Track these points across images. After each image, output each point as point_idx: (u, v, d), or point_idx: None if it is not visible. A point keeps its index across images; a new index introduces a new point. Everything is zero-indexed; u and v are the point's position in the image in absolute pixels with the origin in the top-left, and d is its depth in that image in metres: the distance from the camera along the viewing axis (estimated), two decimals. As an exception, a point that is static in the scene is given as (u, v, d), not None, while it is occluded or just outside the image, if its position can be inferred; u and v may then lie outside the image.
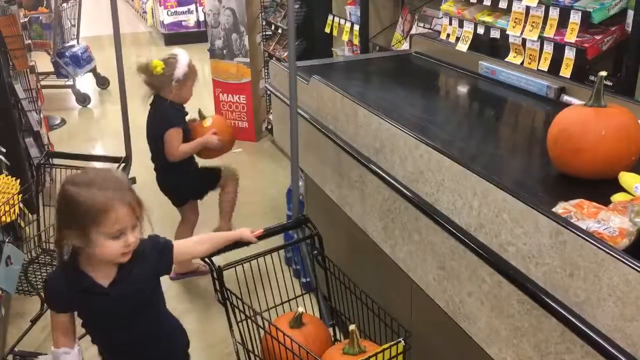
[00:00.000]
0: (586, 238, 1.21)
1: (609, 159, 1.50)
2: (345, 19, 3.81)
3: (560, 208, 1.35)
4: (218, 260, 1.84)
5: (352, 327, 1.72)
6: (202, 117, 3.23)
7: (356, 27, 3.64)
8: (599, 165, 1.52)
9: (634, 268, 1.11)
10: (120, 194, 1.57)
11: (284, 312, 1.99)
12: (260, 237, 1.91)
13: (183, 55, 3.10)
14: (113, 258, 1.62)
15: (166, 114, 3.02)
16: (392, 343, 1.66)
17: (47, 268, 2.81)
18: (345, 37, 3.77)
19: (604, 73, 1.57)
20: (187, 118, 3.17)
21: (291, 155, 2.40)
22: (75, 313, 1.72)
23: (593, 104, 1.56)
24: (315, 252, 1.97)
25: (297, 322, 1.85)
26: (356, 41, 3.68)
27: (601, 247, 1.18)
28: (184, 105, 3.13)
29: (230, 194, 3.33)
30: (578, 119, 1.55)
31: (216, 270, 1.77)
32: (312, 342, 1.78)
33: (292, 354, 1.70)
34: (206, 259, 1.83)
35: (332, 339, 1.96)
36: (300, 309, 1.85)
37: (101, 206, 1.53)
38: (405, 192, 1.84)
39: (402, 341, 1.66)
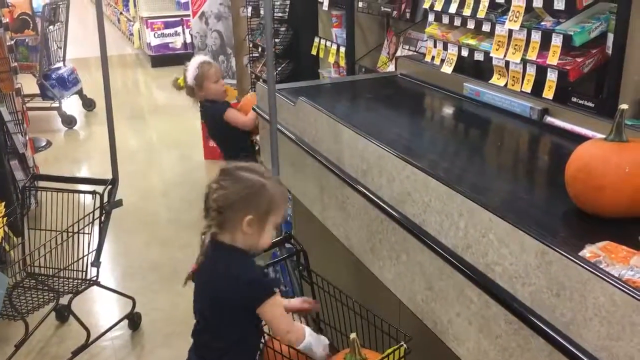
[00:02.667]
0: (571, 258, 1.22)
1: (635, 197, 1.41)
2: (332, 41, 3.85)
3: (587, 252, 1.26)
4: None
5: (352, 335, 1.72)
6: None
7: (342, 49, 3.68)
8: (624, 204, 1.42)
9: (619, 288, 1.12)
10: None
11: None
12: None
13: (193, 60, 3.44)
14: (264, 247, 1.72)
15: (211, 109, 3.42)
16: (395, 347, 1.67)
17: (32, 292, 2.79)
18: (331, 59, 3.81)
19: (625, 106, 1.47)
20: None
21: (272, 173, 2.41)
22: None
23: (614, 138, 1.47)
24: (301, 267, 1.99)
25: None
26: (342, 63, 3.72)
27: (586, 267, 1.19)
28: (220, 100, 3.41)
29: None
30: (599, 155, 1.47)
31: None
32: None
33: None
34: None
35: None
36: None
37: (283, 197, 1.71)
38: (393, 213, 1.85)
39: (404, 345, 1.68)
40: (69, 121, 6.60)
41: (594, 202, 1.46)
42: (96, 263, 2.84)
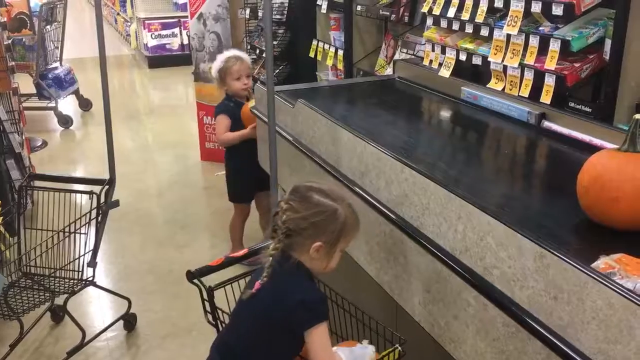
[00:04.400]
0: (569, 261, 1.23)
1: None
2: (330, 44, 3.86)
3: (601, 263, 1.24)
4: (207, 280, 1.82)
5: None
6: (248, 99, 3.40)
7: (340, 52, 3.69)
8: (638, 216, 1.39)
9: (616, 291, 1.13)
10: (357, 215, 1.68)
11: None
12: (244, 256, 1.90)
13: (225, 52, 3.44)
14: (331, 270, 1.66)
15: (219, 104, 3.44)
16: (390, 350, 1.67)
17: (28, 292, 2.77)
18: (329, 62, 3.82)
19: (639, 116, 1.44)
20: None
21: (271, 175, 2.41)
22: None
23: (628, 148, 1.45)
24: None
25: None
26: (340, 66, 3.73)
27: (584, 270, 1.20)
28: (238, 98, 3.39)
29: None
30: (612, 166, 1.43)
31: (207, 290, 1.76)
32: None
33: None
34: (195, 280, 1.80)
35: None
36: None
37: (355, 223, 1.65)
38: (391, 215, 1.85)
39: (399, 347, 1.67)
40: (65, 121, 6.58)
41: (608, 214, 1.42)
42: (92, 263, 2.83)
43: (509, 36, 2.30)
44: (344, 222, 1.60)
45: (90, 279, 2.87)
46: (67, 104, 7.08)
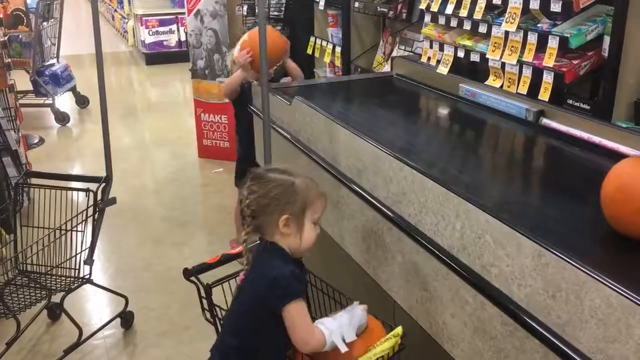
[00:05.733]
0: (568, 260, 1.22)
1: None
2: (327, 41, 3.85)
3: None
4: (204, 277, 1.81)
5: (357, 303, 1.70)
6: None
7: (338, 49, 3.68)
8: None
9: (615, 290, 1.12)
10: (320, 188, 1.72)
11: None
12: (241, 254, 1.89)
13: (244, 36, 3.31)
14: (309, 246, 1.67)
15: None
16: (393, 341, 1.64)
17: (24, 290, 2.77)
18: (327, 59, 3.81)
19: None
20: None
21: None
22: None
23: None
24: None
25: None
26: (338, 63, 3.72)
27: (583, 268, 1.19)
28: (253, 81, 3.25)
29: None
30: (639, 175, 1.35)
31: (204, 288, 1.75)
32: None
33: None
34: (193, 277, 1.79)
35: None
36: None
37: (315, 192, 1.67)
38: (389, 213, 1.85)
39: (402, 343, 1.65)
40: (62, 118, 6.56)
41: (635, 225, 1.35)
42: (89, 261, 2.82)
43: (507, 33, 2.29)
44: (305, 192, 1.63)
45: (87, 276, 2.86)
46: (64, 101, 7.07)
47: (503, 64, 2.33)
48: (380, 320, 1.73)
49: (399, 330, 1.65)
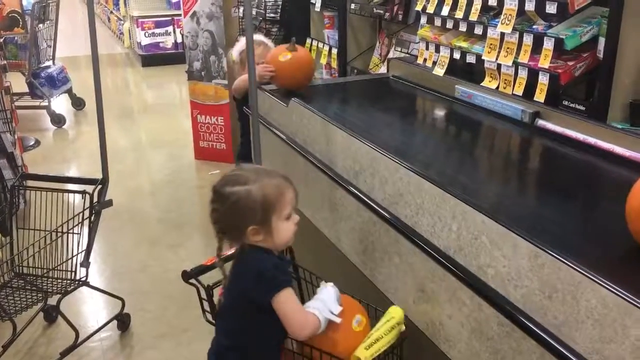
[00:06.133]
0: (564, 260, 1.23)
1: None
2: (324, 43, 3.85)
3: None
4: (204, 279, 1.81)
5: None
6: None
7: (334, 51, 3.69)
8: None
9: (611, 290, 1.13)
10: (282, 175, 1.68)
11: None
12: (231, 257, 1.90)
13: (244, 38, 3.20)
14: (289, 240, 1.67)
15: None
16: (395, 319, 1.67)
17: (20, 292, 2.76)
18: (323, 60, 3.81)
19: None
20: None
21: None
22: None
23: None
24: None
25: None
26: (334, 64, 3.73)
27: (578, 269, 1.19)
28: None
29: None
30: None
31: (205, 289, 1.75)
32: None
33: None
34: (192, 280, 1.79)
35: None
36: None
37: (276, 189, 1.62)
38: (385, 214, 1.85)
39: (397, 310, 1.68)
40: (58, 120, 6.54)
41: None
42: (85, 263, 2.82)
43: (502, 34, 2.30)
44: (263, 198, 1.60)
45: (84, 279, 2.85)
46: (60, 103, 7.05)
47: (499, 66, 2.34)
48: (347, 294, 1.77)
49: (397, 313, 1.67)
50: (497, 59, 2.33)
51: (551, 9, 2.08)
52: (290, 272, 1.70)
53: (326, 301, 1.65)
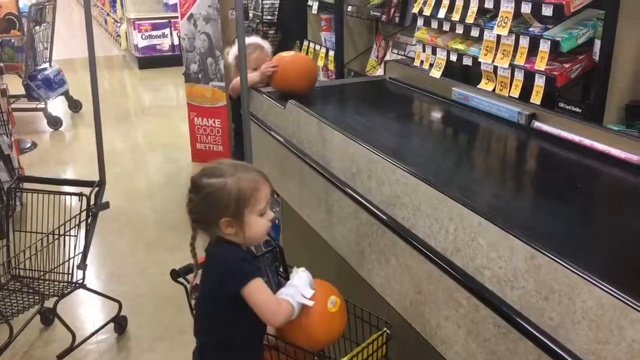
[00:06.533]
0: (559, 262, 1.23)
1: None
2: (321, 45, 3.86)
3: None
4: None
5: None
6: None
7: (331, 53, 3.69)
8: None
9: (607, 291, 1.13)
10: (259, 172, 1.69)
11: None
12: None
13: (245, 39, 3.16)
14: (261, 236, 1.69)
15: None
16: (378, 334, 1.68)
17: (17, 295, 2.76)
18: (320, 63, 3.81)
19: None
20: None
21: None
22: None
23: None
24: (277, 264, 1.98)
25: None
26: (331, 66, 3.73)
27: (574, 270, 1.20)
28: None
29: None
30: None
31: (192, 287, 1.76)
32: None
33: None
34: (180, 278, 1.82)
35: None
36: None
37: (251, 184, 1.64)
38: (382, 216, 1.85)
39: (387, 331, 1.70)
40: (55, 122, 6.54)
41: None
42: (82, 266, 2.82)
43: (499, 37, 2.31)
44: (238, 191, 1.61)
45: (80, 281, 2.85)
46: (57, 105, 7.04)
47: (495, 68, 2.34)
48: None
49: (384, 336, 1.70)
50: (493, 61, 2.34)
51: (547, 11, 2.08)
52: (258, 264, 1.71)
53: (298, 286, 1.67)
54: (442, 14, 2.60)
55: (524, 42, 2.21)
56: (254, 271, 1.62)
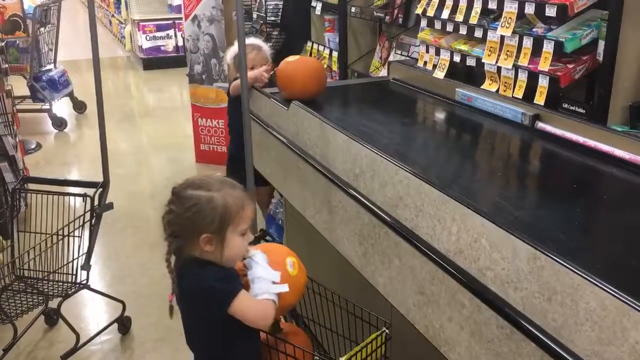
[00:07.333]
0: (562, 263, 1.23)
1: None
2: (324, 46, 3.86)
3: None
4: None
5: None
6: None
7: (335, 54, 3.69)
8: None
9: (610, 293, 1.13)
10: (246, 192, 1.65)
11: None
12: None
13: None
14: (238, 258, 1.64)
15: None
16: (378, 333, 1.68)
17: (21, 295, 2.77)
18: (324, 63, 3.81)
19: None
20: None
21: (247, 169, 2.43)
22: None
23: None
24: None
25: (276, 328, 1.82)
26: (335, 67, 3.73)
27: (577, 271, 1.19)
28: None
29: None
30: None
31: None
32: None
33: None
34: None
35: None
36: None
37: (238, 203, 1.59)
38: (385, 217, 1.85)
39: (386, 330, 1.69)
40: (60, 123, 6.56)
41: None
42: (86, 266, 2.83)
43: (502, 37, 2.30)
44: (224, 208, 1.56)
45: (84, 282, 2.86)
46: (62, 106, 7.07)
47: (499, 69, 2.34)
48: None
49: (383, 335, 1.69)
50: (497, 62, 2.33)
51: (551, 11, 2.08)
52: (237, 275, 1.64)
53: (265, 276, 1.62)
54: (445, 14, 2.60)
55: (528, 42, 2.21)
56: (234, 288, 1.57)
